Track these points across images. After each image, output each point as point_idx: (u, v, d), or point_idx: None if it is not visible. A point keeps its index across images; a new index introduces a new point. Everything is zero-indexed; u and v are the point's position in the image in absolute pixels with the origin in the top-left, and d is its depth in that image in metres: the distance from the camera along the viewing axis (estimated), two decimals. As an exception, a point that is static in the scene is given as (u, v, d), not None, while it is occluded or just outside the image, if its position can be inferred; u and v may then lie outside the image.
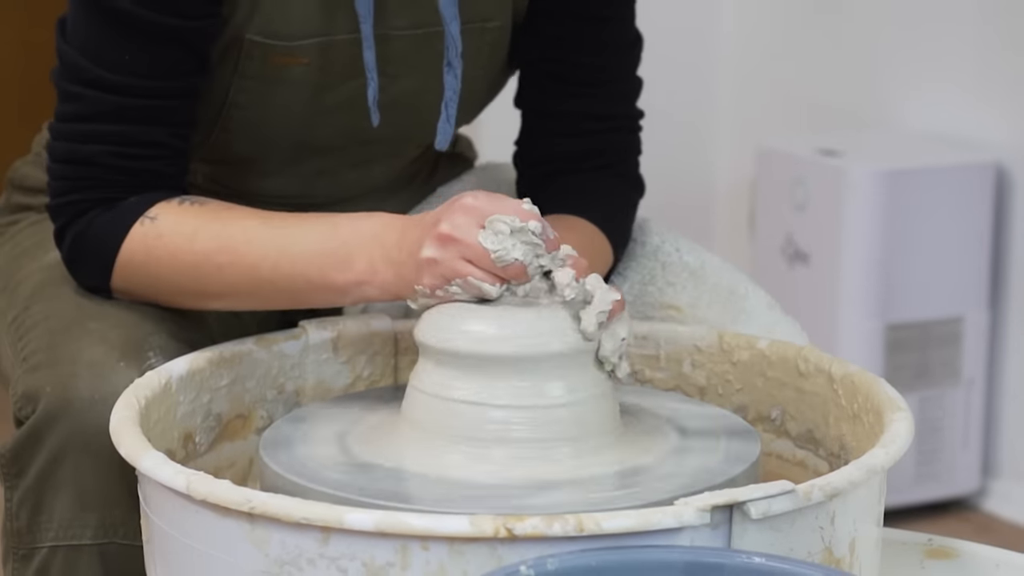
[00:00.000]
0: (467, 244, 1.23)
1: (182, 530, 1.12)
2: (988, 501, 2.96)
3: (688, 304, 1.50)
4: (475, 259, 1.23)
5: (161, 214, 1.37)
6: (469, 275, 1.23)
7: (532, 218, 1.23)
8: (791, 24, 3.30)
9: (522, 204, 1.24)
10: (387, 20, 1.42)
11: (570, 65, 1.51)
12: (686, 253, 1.55)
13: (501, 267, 1.23)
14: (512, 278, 1.23)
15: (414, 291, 1.27)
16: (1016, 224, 2.90)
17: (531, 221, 1.23)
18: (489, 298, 1.23)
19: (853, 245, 2.84)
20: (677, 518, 1.04)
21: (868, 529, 1.16)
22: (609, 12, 1.52)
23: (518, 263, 1.23)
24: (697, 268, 1.53)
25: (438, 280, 1.25)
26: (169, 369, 1.29)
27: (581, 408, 1.21)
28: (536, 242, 1.23)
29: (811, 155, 2.94)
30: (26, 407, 1.35)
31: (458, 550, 1.04)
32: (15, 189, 1.61)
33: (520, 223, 1.23)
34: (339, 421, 1.29)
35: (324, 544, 1.05)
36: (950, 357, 2.90)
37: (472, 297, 1.24)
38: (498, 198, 1.25)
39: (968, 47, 2.94)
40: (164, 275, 1.38)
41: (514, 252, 1.22)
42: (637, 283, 1.52)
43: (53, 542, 1.36)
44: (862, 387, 1.29)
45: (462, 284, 1.24)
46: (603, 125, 1.54)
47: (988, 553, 1.33)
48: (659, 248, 1.56)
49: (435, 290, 1.25)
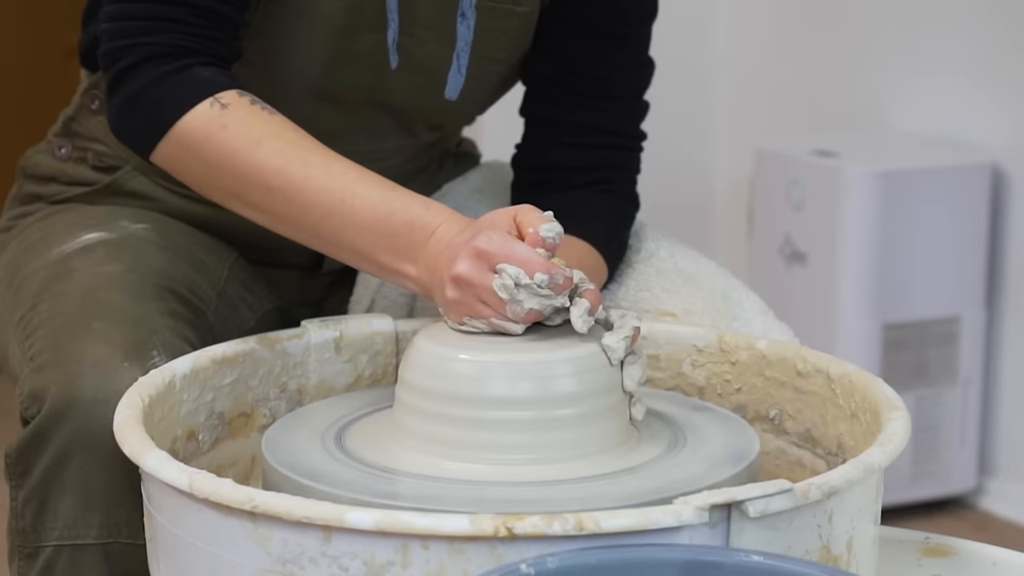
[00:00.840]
0: (483, 288, 1.23)
1: (185, 528, 1.12)
2: (984, 499, 2.97)
3: (682, 310, 1.50)
4: (492, 304, 1.24)
5: (232, 104, 1.32)
6: (490, 316, 1.24)
7: (539, 269, 1.22)
8: (787, 27, 3.31)
9: (532, 252, 1.23)
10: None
11: (584, 78, 1.52)
12: (681, 259, 1.55)
13: (517, 315, 1.24)
14: (530, 322, 1.24)
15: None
16: (1012, 224, 2.90)
17: (537, 274, 1.22)
18: (513, 334, 1.24)
19: (850, 245, 2.85)
20: (676, 517, 1.04)
21: (865, 527, 1.16)
22: (628, 31, 1.54)
23: (533, 311, 1.23)
24: (692, 274, 1.54)
25: (462, 317, 1.26)
26: (173, 368, 1.30)
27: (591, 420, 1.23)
28: (544, 293, 1.23)
29: (808, 156, 2.94)
30: (32, 407, 1.35)
31: (458, 549, 1.04)
32: (27, 178, 1.62)
33: (526, 279, 1.22)
34: (341, 420, 1.30)
35: (325, 543, 1.06)
36: (947, 356, 2.90)
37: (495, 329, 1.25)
38: (509, 242, 1.24)
39: (964, 49, 2.95)
40: (213, 168, 1.34)
41: (528, 303, 1.23)
42: (632, 288, 1.53)
43: (58, 541, 1.36)
44: (859, 386, 1.29)
45: (486, 322, 1.25)
46: (609, 140, 1.55)
47: (985, 551, 1.33)
48: (654, 254, 1.56)
49: (461, 324, 1.26)
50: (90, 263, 1.46)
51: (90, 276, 1.44)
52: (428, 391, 1.23)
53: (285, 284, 1.63)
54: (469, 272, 1.24)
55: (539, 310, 1.23)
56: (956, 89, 2.97)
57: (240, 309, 1.55)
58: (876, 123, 3.12)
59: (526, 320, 1.24)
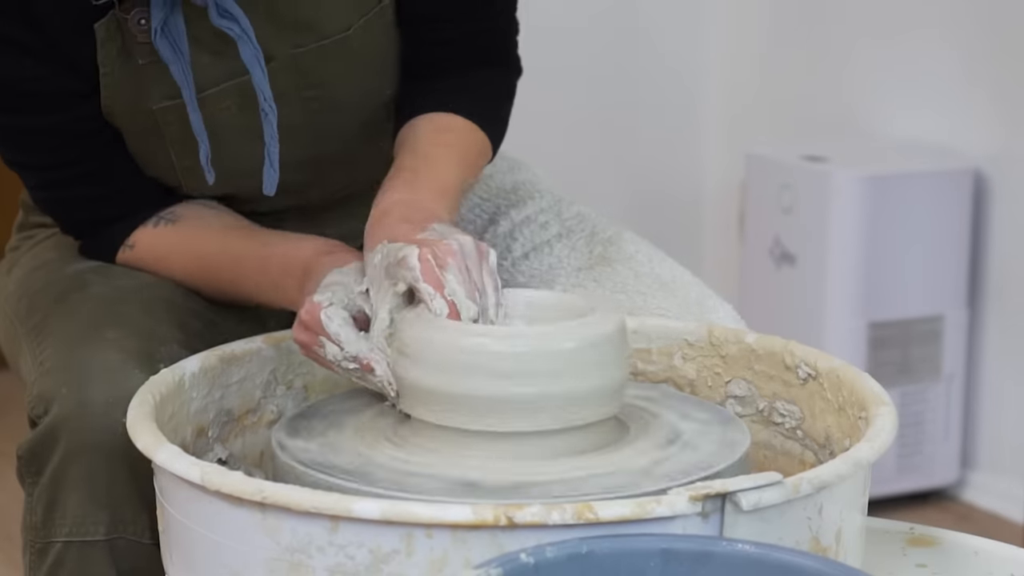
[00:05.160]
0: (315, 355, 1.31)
1: (196, 520, 1.13)
2: (967, 492, 2.98)
3: (658, 314, 1.50)
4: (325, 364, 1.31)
5: (139, 241, 1.52)
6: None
7: (347, 353, 1.28)
8: (777, 36, 3.32)
9: (344, 330, 1.29)
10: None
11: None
12: (658, 265, 1.56)
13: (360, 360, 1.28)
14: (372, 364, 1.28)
15: None
16: (993, 227, 2.92)
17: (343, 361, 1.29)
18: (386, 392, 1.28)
19: (838, 247, 2.86)
20: (670, 507, 1.05)
21: (853, 519, 1.17)
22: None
23: (363, 356, 1.27)
24: (668, 281, 1.54)
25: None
26: (183, 367, 1.31)
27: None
28: (339, 350, 1.29)
29: (798, 161, 2.95)
30: (38, 407, 1.37)
31: (461, 537, 1.05)
32: (30, 209, 1.64)
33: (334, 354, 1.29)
34: (346, 414, 1.31)
35: (333, 532, 1.06)
36: (931, 354, 2.91)
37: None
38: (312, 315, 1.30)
39: (948, 59, 2.96)
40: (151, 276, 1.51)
41: (351, 348, 1.27)
42: (609, 289, 1.53)
43: (67, 537, 1.38)
44: (847, 381, 1.30)
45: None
46: (476, 27, 1.53)
47: (967, 541, 1.33)
48: (632, 257, 1.57)
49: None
50: (104, 278, 1.49)
51: (104, 288, 1.46)
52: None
53: None
54: (303, 339, 1.31)
55: (367, 356, 1.27)
56: (940, 97, 2.99)
57: (267, 322, 1.55)
58: (864, 129, 3.13)
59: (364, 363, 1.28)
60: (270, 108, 1.41)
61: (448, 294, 1.24)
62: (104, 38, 1.43)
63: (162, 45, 1.39)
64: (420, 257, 1.25)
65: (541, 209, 1.64)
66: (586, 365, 1.22)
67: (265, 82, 1.41)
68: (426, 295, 1.24)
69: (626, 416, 1.30)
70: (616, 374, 1.24)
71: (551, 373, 1.20)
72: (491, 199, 1.66)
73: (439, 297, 1.24)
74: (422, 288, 1.24)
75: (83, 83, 1.45)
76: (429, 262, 1.25)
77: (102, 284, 1.47)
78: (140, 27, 1.42)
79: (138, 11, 1.41)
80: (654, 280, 1.54)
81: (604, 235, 1.61)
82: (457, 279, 1.25)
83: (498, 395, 1.20)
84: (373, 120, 1.55)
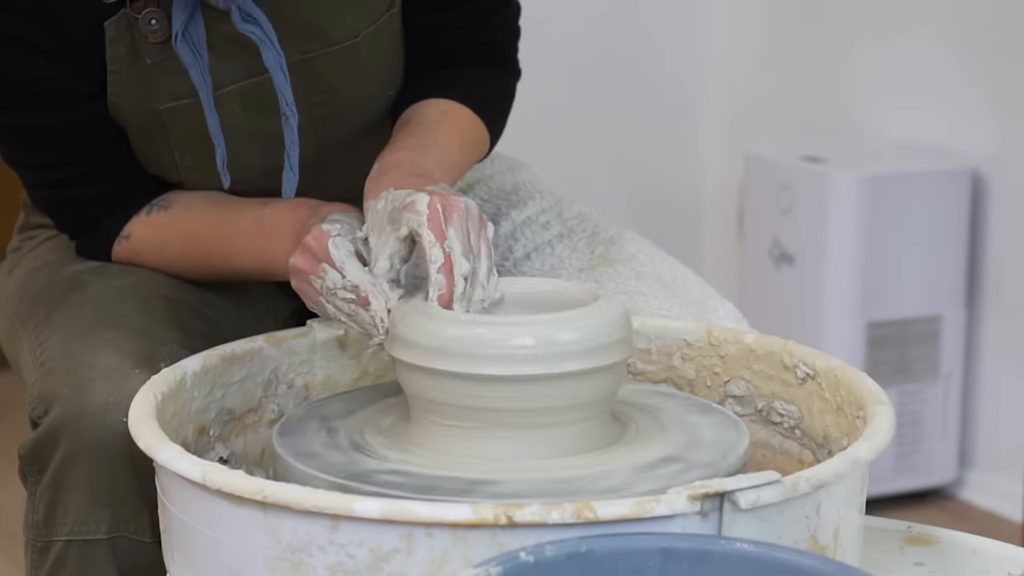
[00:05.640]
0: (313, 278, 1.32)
1: (198, 518, 1.13)
2: (965, 490, 2.99)
3: (659, 314, 1.50)
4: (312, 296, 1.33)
5: (134, 231, 1.52)
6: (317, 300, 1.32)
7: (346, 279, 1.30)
8: (777, 37, 3.33)
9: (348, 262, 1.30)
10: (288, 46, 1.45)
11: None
12: (660, 264, 1.57)
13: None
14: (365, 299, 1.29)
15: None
16: (991, 227, 2.92)
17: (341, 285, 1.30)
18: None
19: (836, 247, 2.86)
20: (669, 506, 1.05)
21: (851, 517, 1.17)
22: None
23: (363, 287, 1.29)
24: (669, 280, 1.55)
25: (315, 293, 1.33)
26: (184, 366, 1.31)
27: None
28: (340, 278, 1.30)
29: (796, 162, 2.96)
30: (39, 407, 1.38)
31: (460, 537, 1.05)
32: (31, 210, 1.65)
33: (334, 283, 1.30)
34: (346, 414, 1.31)
35: (333, 531, 1.07)
36: (929, 353, 2.92)
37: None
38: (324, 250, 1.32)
39: (946, 60, 2.97)
40: (150, 268, 1.52)
41: (353, 277, 1.29)
42: (611, 289, 1.53)
43: (68, 536, 1.39)
44: (845, 381, 1.30)
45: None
46: (476, 39, 1.56)
47: (964, 540, 1.33)
48: (634, 258, 1.57)
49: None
50: (103, 277, 1.49)
51: (103, 288, 1.47)
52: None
53: None
54: (303, 265, 1.32)
55: (364, 288, 1.28)
56: (939, 98, 2.99)
57: (264, 321, 1.56)
58: (862, 130, 3.14)
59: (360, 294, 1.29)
60: (291, 112, 1.42)
61: (447, 247, 1.25)
62: (113, 36, 1.44)
63: (183, 49, 1.39)
64: (430, 204, 1.26)
65: (542, 209, 1.65)
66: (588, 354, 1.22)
67: (287, 86, 1.41)
68: (427, 241, 1.25)
69: (625, 416, 1.30)
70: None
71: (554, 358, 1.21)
72: (492, 200, 1.67)
73: (439, 246, 1.25)
74: (424, 234, 1.25)
75: (93, 83, 1.46)
76: (437, 211, 1.26)
77: (101, 284, 1.48)
78: (151, 27, 1.43)
79: (149, 11, 1.42)
80: (655, 280, 1.54)
81: (606, 235, 1.61)
82: (457, 235, 1.26)
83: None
84: (375, 123, 1.56)
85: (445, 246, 1.25)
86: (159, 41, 1.43)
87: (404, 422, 1.28)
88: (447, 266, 1.24)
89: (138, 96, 1.46)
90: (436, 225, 1.25)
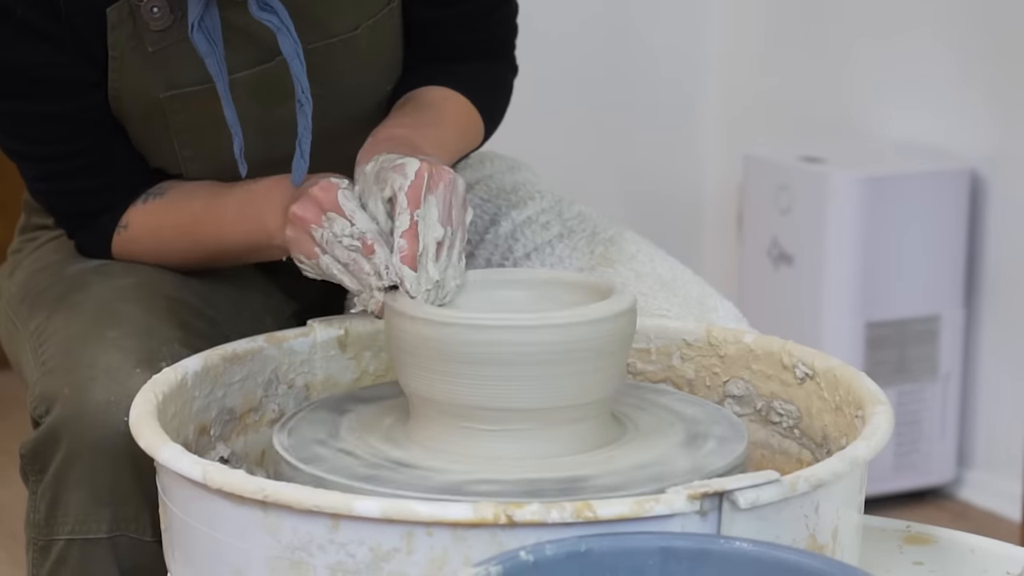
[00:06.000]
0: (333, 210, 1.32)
1: (199, 518, 1.14)
2: (963, 490, 2.99)
3: (658, 314, 1.50)
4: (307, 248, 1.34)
5: (131, 220, 1.53)
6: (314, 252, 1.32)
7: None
8: (776, 37, 3.33)
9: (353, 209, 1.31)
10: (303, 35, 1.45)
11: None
12: (659, 264, 1.57)
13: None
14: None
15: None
16: (989, 227, 2.93)
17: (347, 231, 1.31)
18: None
19: (835, 247, 2.87)
20: (669, 506, 1.05)
21: (850, 517, 1.17)
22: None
23: (369, 236, 1.29)
24: (669, 280, 1.55)
25: (299, 255, 1.34)
26: (185, 366, 1.31)
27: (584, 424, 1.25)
28: (348, 225, 1.30)
29: (795, 162, 2.96)
30: (40, 407, 1.38)
31: (460, 536, 1.05)
32: (33, 210, 1.65)
33: (340, 230, 1.30)
34: (347, 413, 1.31)
35: (334, 530, 1.07)
36: (927, 353, 2.92)
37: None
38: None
39: (944, 61, 2.98)
40: (149, 259, 1.54)
41: (362, 225, 1.30)
42: None
43: (69, 535, 1.39)
44: (843, 381, 1.30)
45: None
46: (475, 36, 1.58)
47: (963, 539, 1.33)
48: (634, 257, 1.57)
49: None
50: (105, 277, 1.49)
51: (104, 288, 1.47)
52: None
53: (302, 291, 1.65)
54: (305, 214, 1.33)
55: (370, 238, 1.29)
56: (937, 99, 3.00)
57: (265, 321, 1.57)
58: (861, 131, 3.14)
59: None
60: (307, 100, 1.42)
61: (419, 216, 1.27)
62: (115, 22, 1.44)
63: (199, 39, 1.39)
64: (418, 171, 1.28)
65: (542, 209, 1.65)
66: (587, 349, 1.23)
67: (303, 73, 1.42)
68: (399, 205, 1.27)
69: (625, 415, 1.30)
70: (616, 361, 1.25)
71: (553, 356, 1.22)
72: (492, 200, 1.67)
73: (408, 213, 1.27)
74: (400, 198, 1.28)
75: (96, 71, 1.46)
76: (423, 178, 1.28)
77: (103, 284, 1.48)
78: (152, 15, 1.43)
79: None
80: (655, 280, 1.55)
81: (605, 235, 1.61)
82: (437, 203, 1.28)
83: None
84: (371, 116, 1.56)
85: (415, 214, 1.27)
86: (160, 29, 1.43)
87: (404, 422, 1.28)
88: (411, 232, 1.27)
89: (139, 84, 1.47)
90: (415, 192, 1.28)
